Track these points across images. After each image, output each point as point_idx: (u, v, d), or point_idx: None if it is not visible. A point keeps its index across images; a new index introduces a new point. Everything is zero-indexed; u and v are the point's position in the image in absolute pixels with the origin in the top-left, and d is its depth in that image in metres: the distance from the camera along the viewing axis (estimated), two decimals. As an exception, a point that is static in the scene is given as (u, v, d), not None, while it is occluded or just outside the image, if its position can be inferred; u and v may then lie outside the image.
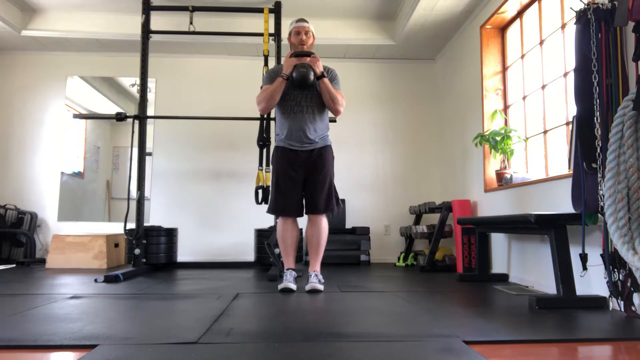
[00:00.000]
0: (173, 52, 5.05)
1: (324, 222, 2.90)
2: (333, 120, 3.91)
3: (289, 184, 2.85)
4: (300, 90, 2.90)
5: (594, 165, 2.21)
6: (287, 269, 2.89)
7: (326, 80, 2.85)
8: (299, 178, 2.87)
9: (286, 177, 2.86)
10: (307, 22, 3.01)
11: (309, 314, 2.12)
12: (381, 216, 5.04)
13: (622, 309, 2.14)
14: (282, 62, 2.99)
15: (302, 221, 2.96)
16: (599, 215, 2.26)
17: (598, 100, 2.20)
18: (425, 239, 4.40)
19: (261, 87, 3.01)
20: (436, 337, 1.66)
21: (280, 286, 2.78)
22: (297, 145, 2.87)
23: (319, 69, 2.84)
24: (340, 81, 3.03)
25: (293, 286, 2.76)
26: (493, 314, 2.13)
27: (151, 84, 4.92)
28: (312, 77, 2.82)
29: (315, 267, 2.88)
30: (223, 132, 4.97)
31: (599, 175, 2.18)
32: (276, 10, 4.02)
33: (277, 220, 2.98)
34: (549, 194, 2.89)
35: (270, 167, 3.02)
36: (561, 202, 2.72)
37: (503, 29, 3.94)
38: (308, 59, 2.87)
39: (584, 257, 2.27)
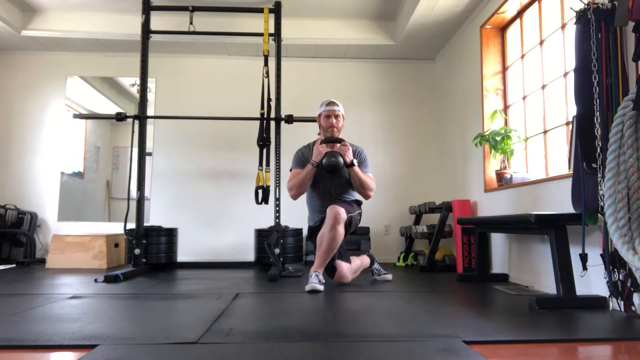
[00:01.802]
0: (173, 52, 5.05)
1: (341, 231, 2.88)
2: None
3: None
4: (330, 178, 2.99)
5: (594, 165, 2.21)
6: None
7: (356, 167, 2.93)
8: None
9: None
10: (338, 105, 3.09)
11: (309, 314, 2.12)
12: (381, 216, 5.04)
13: (622, 309, 2.14)
14: (311, 144, 3.10)
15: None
16: (599, 215, 2.26)
17: (598, 100, 2.20)
18: (425, 239, 4.40)
19: (290, 169, 3.11)
20: (436, 337, 1.66)
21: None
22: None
23: (349, 157, 2.91)
24: (369, 163, 3.13)
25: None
26: (493, 314, 2.13)
27: (151, 84, 4.92)
28: (342, 164, 2.88)
29: (318, 268, 2.88)
30: (223, 132, 4.97)
31: (599, 175, 2.18)
32: (276, 10, 4.02)
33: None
34: (549, 194, 2.89)
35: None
36: (561, 202, 2.72)
37: (503, 29, 3.94)
38: (338, 145, 2.92)
39: (584, 257, 2.27)
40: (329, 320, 1.96)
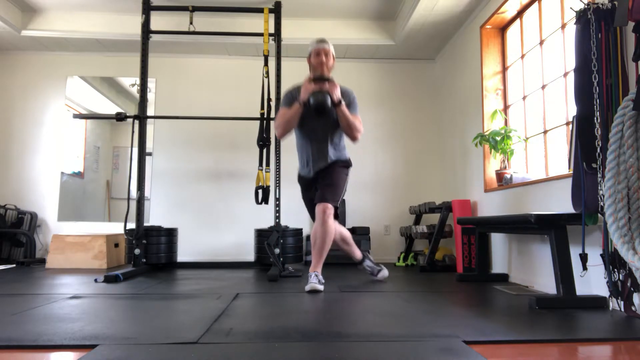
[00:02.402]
0: (173, 52, 5.05)
1: (331, 226, 2.88)
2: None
3: (308, 202, 3.17)
4: (317, 118, 2.91)
5: (594, 165, 2.21)
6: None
7: (343, 107, 2.86)
8: (313, 194, 3.07)
9: (308, 201, 3.17)
10: (328, 43, 3.00)
11: (309, 314, 2.12)
12: (381, 216, 5.04)
13: (622, 309, 2.14)
14: (301, 84, 3.00)
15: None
16: (599, 215, 2.27)
17: (598, 100, 2.20)
18: (425, 239, 4.40)
19: (278, 109, 3.04)
20: (436, 337, 1.66)
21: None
22: (313, 173, 3.04)
23: (337, 95, 2.84)
24: (358, 105, 3.04)
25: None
26: (493, 314, 2.13)
27: (151, 84, 4.92)
28: (329, 104, 2.81)
29: (316, 268, 2.88)
30: (223, 132, 4.98)
31: (599, 175, 2.18)
32: (276, 10, 4.02)
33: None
34: (549, 194, 2.89)
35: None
36: (561, 202, 2.72)
37: (503, 29, 3.94)
38: (327, 84, 2.85)
39: (584, 257, 2.27)
40: (329, 320, 1.96)
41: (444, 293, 2.76)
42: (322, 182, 2.99)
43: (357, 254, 3.34)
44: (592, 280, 2.44)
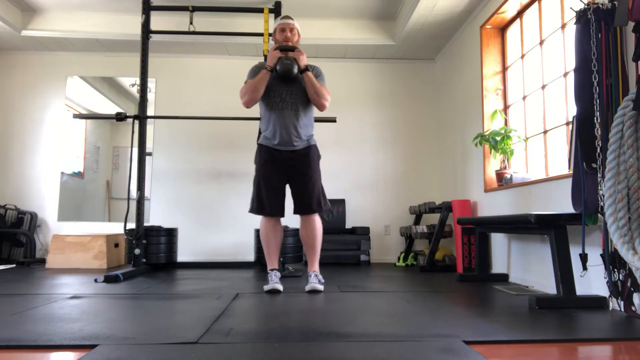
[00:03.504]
0: (173, 52, 5.05)
1: (317, 222, 2.89)
2: (333, 120, 3.93)
3: (272, 184, 2.84)
4: (285, 85, 2.86)
5: (594, 165, 2.21)
6: (272, 270, 2.86)
7: (310, 74, 2.83)
8: (282, 178, 2.87)
9: (269, 177, 2.84)
10: (292, 20, 2.98)
11: (309, 314, 2.12)
12: (381, 216, 5.04)
13: (622, 309, 2.14)
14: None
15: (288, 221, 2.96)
16: (599, 215, 2.27)
17: (598, 100, 2.20)
18: (425, 239, 4.40)
19: (245, 82, 2.94)
20: (436, 337, 1.66)
21: (266, 287, 2.75)
22: (281, 145, 2.84)
23: (303, 62, 2.83)
24: (325, 78, 3.00)
25: (280, 287, 2.74)
26: (493, 314, 2.13)
27: (151, 84, 4.92)
28: (296, 69, 2.79)
29: (314, 267, 2.88)
30: (223, 132, 4.97)
31: (599, 175, 2.18)
32: (276, 10, 4.02)
33: (262, 219, 2.91)
34: (549, 194, 2.89)
35: (255, 166, 2.97)
36: (561, 202, 2.72)
37: (503, 29, 3.94)
38: (292, 53, 2.84)
39: (584, 257, 2.27)
40: (329, 320, 1.96)
41: (444, 293, 2.76)
42: (301, 180, 2.86)
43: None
44: (592, 280, 2.44)
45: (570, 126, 2.56)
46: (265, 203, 2.84)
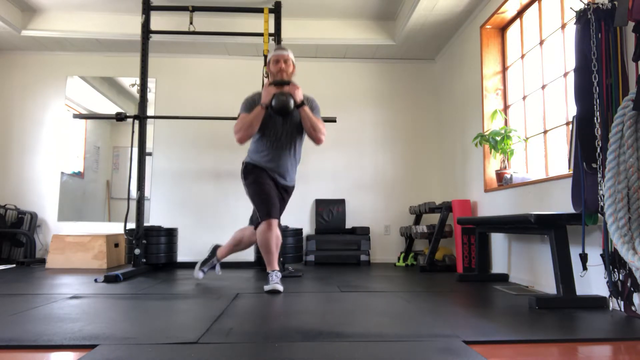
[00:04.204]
0: (173, 52, 5.05)
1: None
2: (333, 120, 3.93)
3: (273, 192, 2.87)
4: (281, 122, 2.88)
5: (594, 165, 2.21)
6: (273, 270, 2.82)
7: (306, 108, 2.84)
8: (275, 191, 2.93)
9: (269, 186, 2.88)
10: (287, 50, 2.98)
11: (309, 314, 2.12)
12: (381, 216, 5.04)
13: (622, 309, 2.14)
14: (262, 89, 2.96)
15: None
16: (599, 215, 2.27)
17: (598, 100, 2.20)
18: (425, 239, 4.40)
19: (239, 115, 2.94)
20: (436, 337, 1.66)
21: (267, 288, 2.74)
22: (276, 176, 2.94)
23: (299, 97, 2.82)
24: (320, 110, 3.02)
25: (280, 287, 2.73)
26: (493, 314, 2.13)
27: (151, 84, 4.92)
28: (292, 105, 2.78)
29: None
30: (223, 132, 4.97)
31: (599, 175, 2.18)
32: (276, 10, 4.02)
33: (262, 225, 2.78)
34: (549, 194, 2.89)
35: (246, 181, 2.97)
36: (561, 202, 2.72)
37: (503, 29, 3.94)
38: (287, 87, 2.82)
39: (584, 257, 2.27)
40: (329, 320, 1.96)
41: (444, 293, 2.76)
42: (281, 206, 3.01)
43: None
44: (592, 280, 2.44)
45: (570, 126, 2.56)
46: (275, 204, 2.83)
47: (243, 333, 1.72)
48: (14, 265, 4.33)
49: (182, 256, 4.60)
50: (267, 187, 2.86)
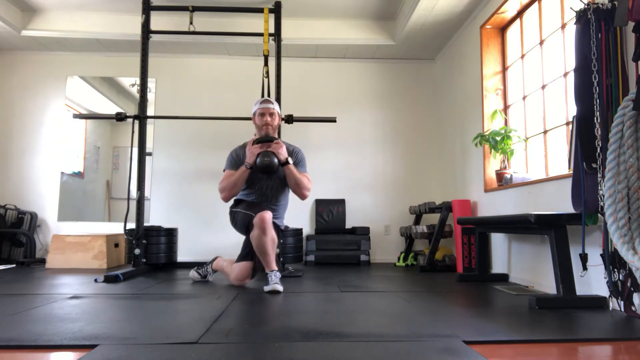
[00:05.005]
0: (173, 52, 5.05)
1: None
2: (333, 120, 3.94)
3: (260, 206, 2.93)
4: (265, 179, 2.95)
5: (594, 165, 2.21)
6: (272, 270, 2.82)
7: (291, 166, 2.88)
8: None
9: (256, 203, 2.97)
10: (272, 104, 3.02)
11: (309, 314, 2.12)
12: (381, 216, 5.04)
13: (622, 309, 2.14)
14: (250, 140, 3.00)
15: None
16: (599, 215, 2.27)
17: (598, 100, 2.20)
18: (425, 239, 4.40)
19: (224, 170, 3.04)
20: (436, 337, 1.66)
21: (267, 288, 2.74)
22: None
23: (283, 155, 2.86)
24: (306, 162, 3.06)
25: (280, 287, 2.73)
26: (493, 314, 2.13)
27: (151, 84, 4.92)
28: (276, 164, 2.83)
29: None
30: (223, 132, 4.97)
31: (599, 175, 2.18)
32: (276, 10, 4.02)
33: (255, 229, 2.81)
34: (549, 194, 2.89)
35: (234, 215, 3.08)
36: (561, 202, 2.72)
37: (503, 29, 3.94)
38: (272, 144, 2.87)
39: (584, 257, 2.27)
40: (329, 320, 1.96)
41: (444, 293, 2.76)
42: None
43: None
44: (592, 280, 2.44)
45: (570, 126, 2.56)
46: (262, 207, 2.89)
47: (243, 333, 1.72)
48: (14, 265, 4.33)
49: (182, 256, 4.60)
50: (257, 205, 2.94)
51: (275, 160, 2.83)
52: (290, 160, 2.91)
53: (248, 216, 2.91)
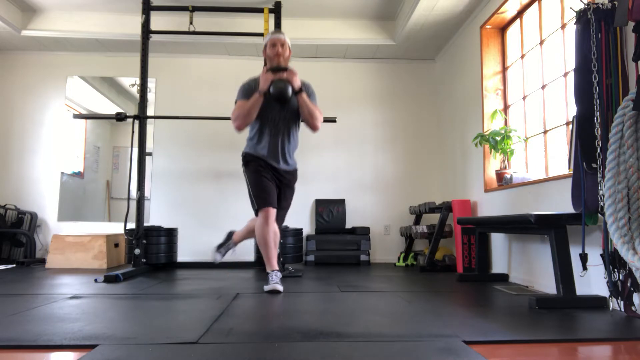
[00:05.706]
0: (173, 52, 5.05)
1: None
2: (333, 120, 3.93)
3: (270, 180, 2.88)
4: (278, 109, 2.87)
5: (594, 165, 2.21)
6: (273, 270, 2.81)
7: (304, 95, 2.83)
8: (274, 184, 2.92)
9: (267, 176, 2.88)
10: (283, 34, 2.98)
11: (309, 314, 2.12)
12: (381, 216, 5.04)
13: (622, 309, 2.14)
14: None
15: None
16: (599, 215, 2.27)
17: (598, 100, 2.20)
18: (425, 239, 4.40)
19: (235, 102, 2.94)
20: (436, 337, 1.66)
21: (267, 288, 2.73)
22: (275, 163, 2.91)
23: (297, 83, 2.81)
24: (317, 96, 3.02)
25: (280, 287, 2.72)
26: (493, 314, 2.13)
27: (151, 84, 4.92)
28: (290, 92, 2.77)
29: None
30: (223, 132, 4.97)
31: (599, 175, 2.18)
32: (276, 10, 4.02)
33: (259, 219, 2.79)
34: (549, 194, 2.89)
35: (246, 169, 2.97)
36: (561, 202, 2.72)
37: (503, 29, 3.94)
38: (285, 73, 2.81)
39: (584, 257, 2.27)
40: (329, 320, 1.96)
41: (444, 293, 2.76)
42: (284, 198, 3.01)
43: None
44: (592, 280, 2.44)
45: (570, 126, 2.56)
46: (271, 194, 2.84)
47: (243, 333, 1.72)
48: (14, 265, 4.33)
49: (182, 256, 4.60)
50: (265, 179, 2.87)
51: (290, 88, 2.76)
52: (303, 89, 2.87)
53: (255, 189, 2.85)
